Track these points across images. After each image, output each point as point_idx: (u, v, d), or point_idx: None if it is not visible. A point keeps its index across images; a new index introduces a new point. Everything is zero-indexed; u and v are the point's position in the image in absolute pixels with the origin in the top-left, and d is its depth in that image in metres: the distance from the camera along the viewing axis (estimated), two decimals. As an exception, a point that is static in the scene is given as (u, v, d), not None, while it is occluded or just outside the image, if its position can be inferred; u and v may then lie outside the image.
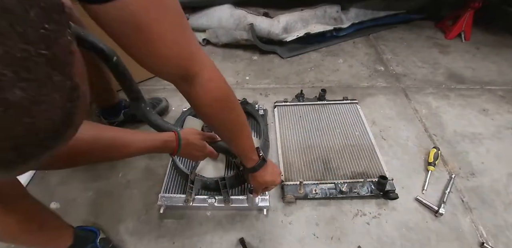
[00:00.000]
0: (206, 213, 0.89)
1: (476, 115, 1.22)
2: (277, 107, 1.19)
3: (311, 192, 0.89)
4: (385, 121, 1.18)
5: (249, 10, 1.49)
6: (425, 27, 1.84)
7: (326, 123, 1.11)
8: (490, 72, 1.47)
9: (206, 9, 1.54)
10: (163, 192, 0.88)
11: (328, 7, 1.60)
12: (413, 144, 1.09)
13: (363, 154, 0.99)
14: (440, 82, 1.41)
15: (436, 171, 0.99)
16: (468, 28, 1.68)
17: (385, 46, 1.67)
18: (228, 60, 1.56)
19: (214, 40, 1.61)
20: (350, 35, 1.72)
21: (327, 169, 0.95)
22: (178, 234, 0.83)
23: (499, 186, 0.96)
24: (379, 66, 1.51)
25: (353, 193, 0.88)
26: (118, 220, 0.86)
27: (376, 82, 1.40)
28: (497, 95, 1.32)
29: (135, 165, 1.00)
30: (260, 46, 1.53)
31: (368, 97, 1.30)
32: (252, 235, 0.82)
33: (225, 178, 0.83)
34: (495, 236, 0.83)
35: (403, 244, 0.81)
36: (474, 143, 1.10)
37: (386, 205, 0.90)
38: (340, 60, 1.56)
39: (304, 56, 1.59)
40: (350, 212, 0.89)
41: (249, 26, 1.43)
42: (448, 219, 0.87)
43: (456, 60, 1.56)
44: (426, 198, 0.91)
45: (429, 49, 1.65)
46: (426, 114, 1.22)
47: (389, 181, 0.89)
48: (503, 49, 1.63)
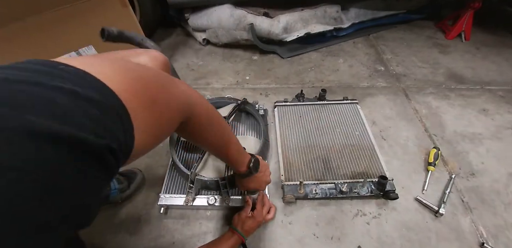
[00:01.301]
0: (206, 213, 0.89)
1: (476, 115, 1.22)
2: (277, 107, 1.19)
3: (311, 192, 0.89)
4: (385, 121, 1.18)
5: (249, 10, 1.49)
6: (425, 27, 1.84)
7: (326, 123, 1.11)
8: (490, 72, 1.47)
9: (206, 9, 1.54)
10: (163, 192, 0.87)
11: (328, 7, 1.60)
12: (413, 144, 1.09)
13: (363, 154, 0.99)
14: (440, 82, 1.41)
15: (436, 171, 0.99)
16: (468, 28, 1.68)
17: (385, 46, 1.67)
18: (228, 60, 1.56)
19: (214, 40, 1.61)
20: (350, 35, 1.72)
21: (327, 169, 0.95)
22: (178, 234, 0.83)
23: (499, 186, 0.96)
24: (379, 66, 1.51)
25: (353, 193, 0.88)
26: (118, 220, 0.87)
27: (376, 82, 1.40)
28: (497, 95, 1.32)
29: (136, 165, 1.00)
30: (260, 46, 1.53)
31: (368, 97, 1.30)
32: (252, 235, 0.82)
33: (225, 178, 0.83)
34: (495, 236, 0.83)
35: (403, 244, 0.81)
36: (474, 143, 1.10)
37: (386, 205, 0.90)
38: (340, 60, 1.56)
39: (304, 56, 1.59)
40: (350, 212, 0.89)
41: (249, 26, 1.43)
42: (448, 219, 0.87)
43: (456, 60, 1.56)
44: (426, 198, 0.91)
45: (429, 49, 1.65)
46: (426, 114, 1.22)
47: (389, 181, 0.89)
48: (503, 49, 1.63)
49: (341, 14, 1.64)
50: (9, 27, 0.91)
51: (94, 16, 1.07)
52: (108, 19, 1.11)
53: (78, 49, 1.10)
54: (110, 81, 0.25)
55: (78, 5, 1.01)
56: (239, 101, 1.08)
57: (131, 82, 0.28)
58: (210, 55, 1.60)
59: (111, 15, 1.11)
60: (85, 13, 1.04)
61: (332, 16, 1.61)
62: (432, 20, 1.88)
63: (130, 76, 0.29)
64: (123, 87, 0.26)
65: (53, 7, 0.97)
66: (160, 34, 1.78)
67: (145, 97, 0.29)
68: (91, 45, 1.12)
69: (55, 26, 1.00)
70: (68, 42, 1.07)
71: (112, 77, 0.26)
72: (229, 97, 1.12)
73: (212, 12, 1.52)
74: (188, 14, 1.60)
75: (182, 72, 1.47)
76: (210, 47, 1.67)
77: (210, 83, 1.39)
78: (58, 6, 0.98)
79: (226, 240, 0.71)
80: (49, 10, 0.96)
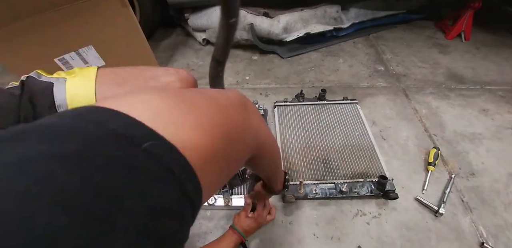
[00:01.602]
0: (206, 213, 0.89)
1: (476, 115, 1.22)
2: (277, 107, 1.19)
3: (311, 192, 0.89)
4: (385, 121, 1.18)
5: (249, 10, 1.49)
6: (425, 27, 1.84)
7: (326, 123, 1.11)
8: (490, 72, 1.47)
9: (206, 9, 1.54)
10: (163, 192, 0.87)
11: (328, 7, 1.60)
12: (413, 144, 1.09)
13: (363, 154, 0.99)
14: (440, 82, 1.41)
15: (436, 171, 0.99)
16: (468, 28, 1.68)
17: (385, 46, 1.67)
18: (228, 60, 1.55)
19: (214, 40, 1.61)
20: (350, 35, 1.72)
21: (327, 169, 0.95)
22: (178, 234, 0.83)
23: (499, 186, 0.96)
24: (379, 66, 1.51)
25: (353, 193, 0.88)
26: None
27: (376, 82, 1.40)
28: (497, 95, 1.32)
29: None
30: (260, 46, 1.53)
31: (368, 97, 1.30)
32: (252, 235, 0.82)
33: (225, 178, 0.83)
34: (495, 236, 0.83)
35: (403, 244, 0.81)
36: (474, 143, 1.10)
37: (386, 205, 0.90)
38: (340, 60, 1.56)
39: (304, 56, 1.59)
40: (350, 212, 0.89)
41: (249, 26, 1.43)
42: (448, 219, 0.87)
43: (456, 60, 1.56)
44: (426, 198, 0.91)
45: (429, 49, 1.65)
46: (426, 114, 1.22)
47: (389, 181, 0.89)
48: (503, 49, 1.63)
49: (341, 14, 1.64)
50: (9, 27, 0.91)
51: (94, 16, 1.07)
52: (108, 19, 1.11)
53: (78, 49, 1.10)
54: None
55: (78, 5, 1.01)
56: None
57: (219, 141, 0.22)
58: (210, 55, 1.59)
59: (111, 15, 1.11)
60: (85, 13, 1.04)
61: (332, 16, 1.61)
62: (432, 20, 1.88)
63: (219, 131, 0.23)
64: (208, 149, 0.21)
65: (53, 7, 0.97)
66: (160, 34, 1.78)
67: (221, 150, 0.23)
68: (91, 45, 1.12)
69: (55, 26, 1.00)
70: (68, 42, 1.07)
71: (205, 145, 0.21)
72: (229, 97, 1.12)
73: (212, 12, 1.52)
74: (188, 14, 1.60)
75: (182, 72, 1.47)
76: (210, 47, 1.67)
77: (210, 83, 1.38)
78: (58, 6, 0.98)
79: (226, 239, 0.72)
80: (49, 10, 0.96)
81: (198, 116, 0.22)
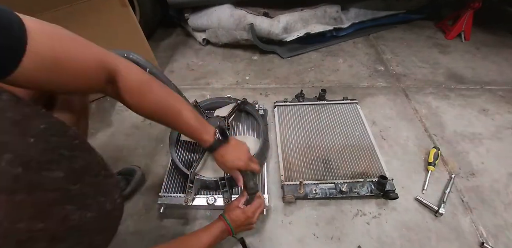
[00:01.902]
0: (206, 212, 0.89)
1: (476, 115, 1.22)
2: (277, 107, 1.19)
3: (311, 192, 0.89)
4: (385, 121, 1.18)
5: (249, 10, 1.49)
6: (425, 27, 1.84)
7: (326, 123, 1.11)
8: (490, 72, 1.47)
9: (206, 9, 1.54)
10: (163, 192, 0.87)
11: (328, 7, 1.60)
12: (413, 144, 1.09)
13: (363, 154, 0.99)
14: (440, 82, 1.41)
15: (436, 171, 0.99)
16: (468, 28, 1.68)
17: (385, 46, 1.67)
18: (228, 60, 1.56)
19: (214, 40, 1.61)
20: (350, 35, 1.72)
21: (327, 169, 0.95)
22: (178, 234, 0.83)
23: (499, 186, 0.96)
24: (379, 66, 1.51)
25: (353, 193, 0.88)
26: (118, 220, 0.86)
27: (376, 82, 1.40)
28: (497, 95, 1.32)
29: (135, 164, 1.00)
30: (260, 46, 1.53)
31: (368, 97, 1.30)
32: (252, 235, 0.82)
33: (225, 178, 0.83)
34: (495, 236, 0.83)
35: (403, 244, 0.81)
36: (474, 143, 1.10)
37: (386, 205, 0.90)
38: (340, 60, 1.56)
39: (304, 56, 1.59)
40: (350, 212, 0.89)
41: (249, 26, 1.43)
42: (448, 219, 0.87)
43: (456, 60, 1.56)
44: (426, 198, 0.91)
45: (429, 49, 1.65)
46: (426, 114, 1.22)
47: (389, 181, 0.89)
48: (503, 49, 1.63)
49: (341, 14, 1.64)
50: (9, 27, 0.91)
51: (94, 16, 1.07)
52: (108, 19, 1.11)
53: (78, 49, 1.10)
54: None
55: (78, 5, 1.01)
56: (239, 101, 1.08)
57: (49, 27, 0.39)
58: (210, 55, 1.60)
59: (111, 15, 1.11)
60: (85, 13, 1.04)
61: (332, 16, 1.61)
62: (432, 20, 1.88)
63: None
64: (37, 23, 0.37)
65: (53, 7, 0.97)
66: (160, 34, 1.78)
67: (53, 34, 0.39)
68: (91, 45, 1.12)
69: (55, 26, 1.00)
70: (68, 42, 1.07)
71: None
72: (229, 97, 1.12)
73: (212, 12, 1.52)
74: (188, 14, 1.60)
75: (182, 72, 1.47)
76: (210, 47, 1.67)
77: (210, 83, 1.39)
78: (58, 6, 0.98)
79: (212, 226, 0.70)
80: (49, 10, 0.96)
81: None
